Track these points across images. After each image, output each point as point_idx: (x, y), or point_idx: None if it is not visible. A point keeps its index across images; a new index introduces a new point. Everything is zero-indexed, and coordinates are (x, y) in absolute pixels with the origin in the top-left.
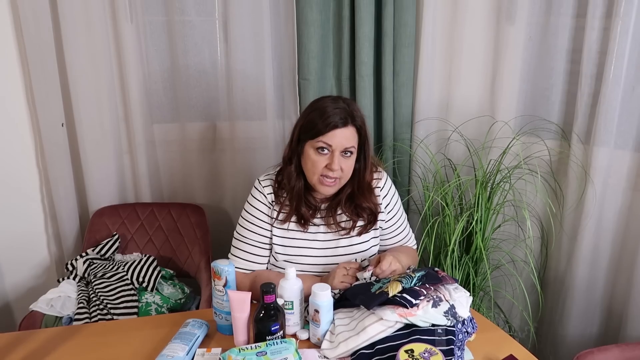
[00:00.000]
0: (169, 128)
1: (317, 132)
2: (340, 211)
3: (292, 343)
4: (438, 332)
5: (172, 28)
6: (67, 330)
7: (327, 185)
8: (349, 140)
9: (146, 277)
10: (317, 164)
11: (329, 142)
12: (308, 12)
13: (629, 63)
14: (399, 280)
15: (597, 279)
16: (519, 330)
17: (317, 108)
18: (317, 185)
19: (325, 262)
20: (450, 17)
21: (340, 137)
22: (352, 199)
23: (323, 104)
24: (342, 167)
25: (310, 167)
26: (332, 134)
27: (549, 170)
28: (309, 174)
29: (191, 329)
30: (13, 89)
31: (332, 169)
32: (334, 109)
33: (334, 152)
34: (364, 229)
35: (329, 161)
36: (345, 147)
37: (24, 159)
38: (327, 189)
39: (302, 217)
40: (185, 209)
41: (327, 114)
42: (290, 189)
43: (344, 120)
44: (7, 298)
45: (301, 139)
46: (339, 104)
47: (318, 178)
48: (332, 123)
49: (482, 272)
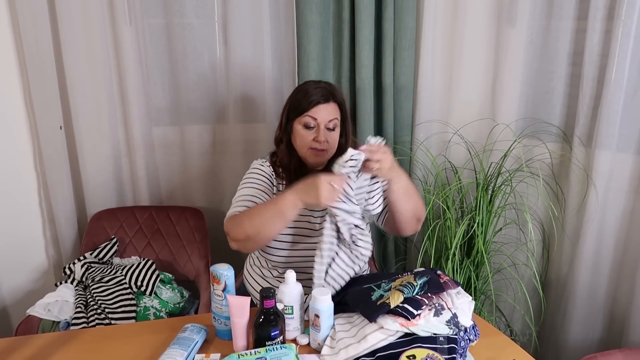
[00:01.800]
0: (168, 131)
1: (302, 109)
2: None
3: (292, 348)
4: (440, 341)
5: (172, 31)
6: (64, 335)
7: (317, 155)
8: (331, 114)
9: (144, 281)
10: (305, 138)
11: (314, 116)
12: (308, 15)
13: (631, 65)
14: (400, 290)
15: (599, 283)
16: (520, 334)
17: (301, 89)
18: (307, 156)
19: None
20: (450, 20)
21: (324, 112)
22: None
23: (305, 86)
24: (327, 139)
25: (299, 142)
26: (316, 109)
27: (551, 174)
28: (299, 148)
29: (190, 334)
30: (11, 92)
31: (319, 140)
32: (315, 88)
33: (319, 126)
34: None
35: (315, 134)
36: (328, 119)
37: (22, 163)
38: (316, 159)
39: None
40: (184, 212)
41: (310, 92)
42: (286, 165)
43: (325, 97)
44: (4, 302)
45: (289, 118)
46: (320, 84)
47: (308, 150)
48: (314, 100)
49: (484, 276)
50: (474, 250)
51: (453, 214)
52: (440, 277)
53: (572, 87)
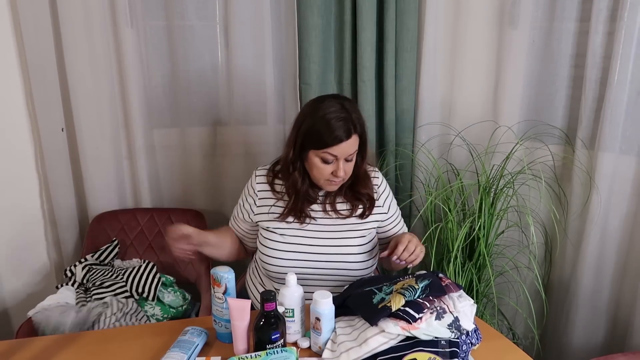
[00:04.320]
0: (169, 133)
1: (323, 144)
2: (340, 199)
3: (292, 352)
4: (442, 344)
5: (173, 33)
6: (64, 338)
7: (334, 185)
8: (352, 147)
9: (146, 287)
10: (324, 172)
11: (334, 154)
12: (309, 17)
13: (634, 67)
14: (401, 294)
15: (602, 287)
16: (522, 337)
17: (322, 119)
18: (323, 185)
19: (322, 244)
20: (452, 22)
21: (344, 148)
22: (351, 187)
23: (326, 114)
24: (345, 170)
25: (316, 173)
26: (338, 147)
27: (553, 176)
28: (315, 178)
29: (190, 337)
30: (13, 94)
31: (337, 175)
32: (337, 120)
33: (338, 162)
34: (363, 213)
35: (334, 168)
36: (349, 154)
37: (24, 165)
38: (332, 187)
39: (302, 212)
40: (185, 215)
41: (332, 127)
42: (295, 192)
43: (347, 132)
44: (5, 304)
45: (305, 145)
46: (341, 114)
47: (324, 181)
48: (338, 137)
49: (486, 279)
50: (476, 253)
51: (455, 216)
52: (441, 280)
53: (574, 89)
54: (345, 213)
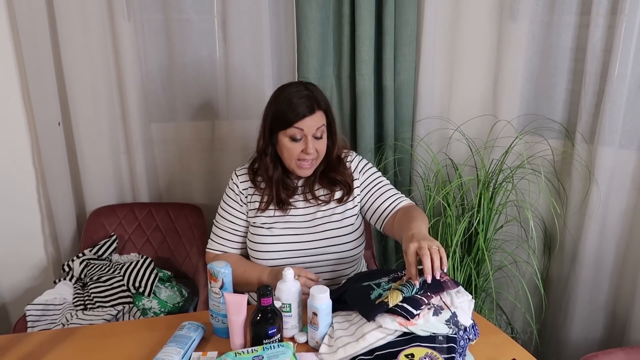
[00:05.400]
0: (167, 127)
1: (288, 122)
2: (318, 186)
3: (289, 347)
4: (439, 340)
5: (170, 26)
6: (61, 332)
7: (305, 167)
8: (318, 122)
9: (142, 282)
10: (293, 151)
11: (300, 127)
12: (308, 10)
13: (634, 61)
14: (399, 290)
15: (601, 281)
16: (521, 332)
17: (283, 99)
18: (295, 169)
19: (307, 232)
20: (452, 15)
21: (310, 123)
22: (325, 173)
23: (287, 95)
24: (316, 148)
25: (286, 154)
26: (302, 122)
27: (552, 170)
28: (287, 161)
29: (187, 332)
30: (9, 87)
31: (307, 152)
32: (299, 98)
33: (306, 137)
34: (342, 198)
35: (303, 146)
36: (315, 128)
37: (20, 159)
38: (305, 172)
39: (282, 202)
40: (183, 209)
41: (294, 104)
42: (268, 179)
43: (310, 107)
44: (2, 299)
45: (273, 129)
46: (302, 92)
47: (295, 163)
48: (300, 113)
49: (484, 274)
50: (475, 247)
51: (454, 211)
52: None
53: (574, 83)
54: (325, 199)
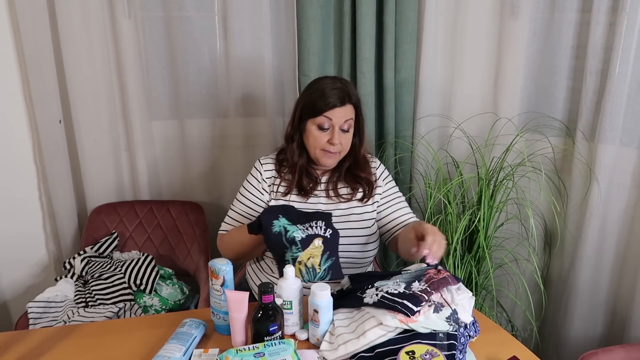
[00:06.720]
0: (168, 125)
1: (318, 110)
2: (341, 184)
3: (290, 344)
4: (439, 337)
5: (171, 24)
6: (63, 330)
7: (329, 157)
8: (347, 115)
9: (144, 279)
10: (319, 139)
11: (329, 117)
12: (308, 8)
13: (635, 59)
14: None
15: (601, 279)
16: (521, 329)
17: (317, 89)
18: (319, 157)
19: None
20: (452, 13)
21: (339, 114)
22: (350, 171)
23: (322, 85)
24: (341, 141)
25: (312, 142)
26: (332, 112)
27: (553, 168)
28: (311, 148)
29: (188, 329)
30: (10, 85)
31: (333, 143)
32: (332, 89)
33: (334, 128)
34: (363, 198)
35: (329, 136)
36: (343, 120)
37: (21, 157)
38: (328, 161)
39: (303, 189)
40: (184, 207)
41: (326, 94)
42: (292, 164)
43: (342, 99)
44: (4, 297)
45: (303, 117)
46: (336, 84)
47: (320, 151)
48: (331, 103)
49: (485, 271)
50: (475, 245)
51: (454, 208)
52: (440, 272)
53: (575, 80)
54: (347, 197)
